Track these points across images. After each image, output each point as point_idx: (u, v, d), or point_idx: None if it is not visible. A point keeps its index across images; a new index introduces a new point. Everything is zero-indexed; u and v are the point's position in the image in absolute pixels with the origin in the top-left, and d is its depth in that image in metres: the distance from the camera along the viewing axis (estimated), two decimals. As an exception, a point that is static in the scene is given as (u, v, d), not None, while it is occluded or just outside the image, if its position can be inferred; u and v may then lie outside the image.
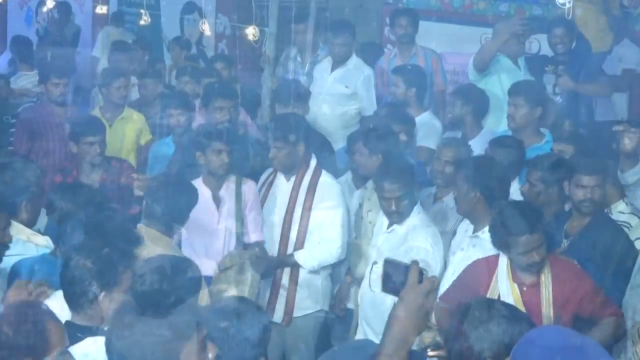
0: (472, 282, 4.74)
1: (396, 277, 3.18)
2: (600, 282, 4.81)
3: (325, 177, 6.14)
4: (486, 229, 4.96)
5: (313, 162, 6.14)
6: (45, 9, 11.49)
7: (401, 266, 3.18)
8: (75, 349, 3.62)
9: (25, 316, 3.23)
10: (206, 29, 9.21)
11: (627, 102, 8.22)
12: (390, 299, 5.18)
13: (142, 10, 9.69)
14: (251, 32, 7.56)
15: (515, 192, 5.63)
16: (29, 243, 4.59)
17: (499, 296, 4.54)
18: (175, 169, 6.54)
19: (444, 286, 5.08)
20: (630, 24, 8.53)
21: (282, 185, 6.22)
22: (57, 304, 3.80)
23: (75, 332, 3.66)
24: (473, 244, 5.17)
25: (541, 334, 2.92)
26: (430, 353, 3.24)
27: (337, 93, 7.57)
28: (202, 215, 5.75)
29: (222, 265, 5.73)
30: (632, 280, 5.03)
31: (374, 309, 5.42)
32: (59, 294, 3.95)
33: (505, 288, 4.62)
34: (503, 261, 4.68)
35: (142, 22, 9.67)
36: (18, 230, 4.53)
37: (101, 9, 10.88)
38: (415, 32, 8.21)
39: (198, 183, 5.83)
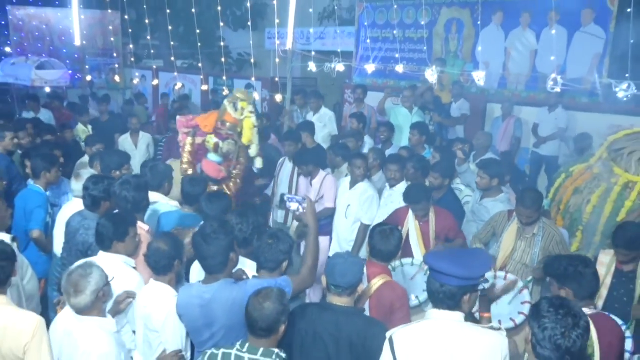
0: (396, 219, 4.46)
1: (287, 202, 3.26)
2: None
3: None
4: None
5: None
6: (177, 87, 11.41)
7: (294, 198, 3.26)
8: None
9: (169, 238, 3.15)
10: (256, 96, 9.19)
11: (463, 130, 8.19)
12: (352, 224, 5.08)
13: (224, 87, 9.63)
14: (278, 97, 7.53)
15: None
16: (167, 204, 4.26)
17: (409, 228, 4.45)
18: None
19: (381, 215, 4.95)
20: (465, 89, 8.42)
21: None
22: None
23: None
24: (391, 193, 5.03)
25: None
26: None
27: (317, 126, 7.49)
28: (305, 190, 5.37)
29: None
30: (469, 217, 4.92)
31: (345, 227, 5.15)
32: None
33: (412, 223, 4.45)
34: (410, 210, 4.50)
35: (224, 94, 9.58)
36: (161, 198, 4.27)
37: (205, 87, 10.83)
38: (365, 96, 7.90)
39: (307, 178, 5.37)
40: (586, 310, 2.75)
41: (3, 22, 14.47)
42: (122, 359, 2.79)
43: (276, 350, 2.48)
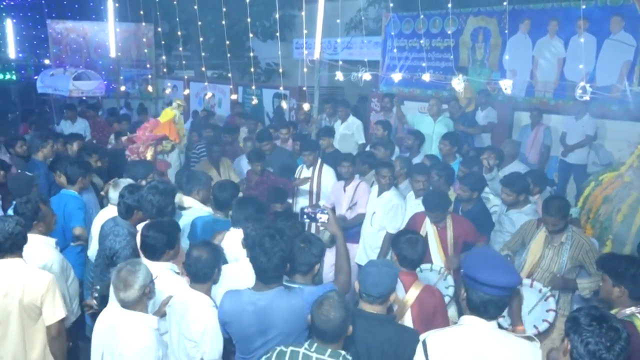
0: (413, 224, 4.56)
1: (310, 214, 3.24)
2: (480, 228, 4.64)
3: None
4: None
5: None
6: (207, 97, 11.52)
7: (319, 210, 3.25)
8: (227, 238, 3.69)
9: (209, 247, 3.13)
10: (284, 105, 9.19)
11: (490, 138, 8.11)
12: (377, 232, 5.14)
13: (253, 97, 9.72)
14: (306, 106, 7.53)
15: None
16: (200, 210, 4.38)
17: (427, 233, 4.46)
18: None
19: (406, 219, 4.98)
20: (491, 97, 8.36)
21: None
22: (226, 242, 3.67)
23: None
24: (418, 202, 4.99)
25: (477, 249, 2.86)
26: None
27: (344, 134, 7.47)
28: (339, 196, 5.55)
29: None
30: (495, 227, 4.88)
31: (370, 234, 5.24)
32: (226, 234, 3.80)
33: (430, 228, 4.49)
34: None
35: (253, 103, 9.68)
36: (195, 203, 4.39)
37: (234, 96, 10.93)
38: (393, 105, 8.03)
39: (340, 184, 5.59)
40: (633, 309, 2.87)
41: (43, 36, 14.98)
42: (160, 355, 2.85)
43: (343, 352, 2.48)
